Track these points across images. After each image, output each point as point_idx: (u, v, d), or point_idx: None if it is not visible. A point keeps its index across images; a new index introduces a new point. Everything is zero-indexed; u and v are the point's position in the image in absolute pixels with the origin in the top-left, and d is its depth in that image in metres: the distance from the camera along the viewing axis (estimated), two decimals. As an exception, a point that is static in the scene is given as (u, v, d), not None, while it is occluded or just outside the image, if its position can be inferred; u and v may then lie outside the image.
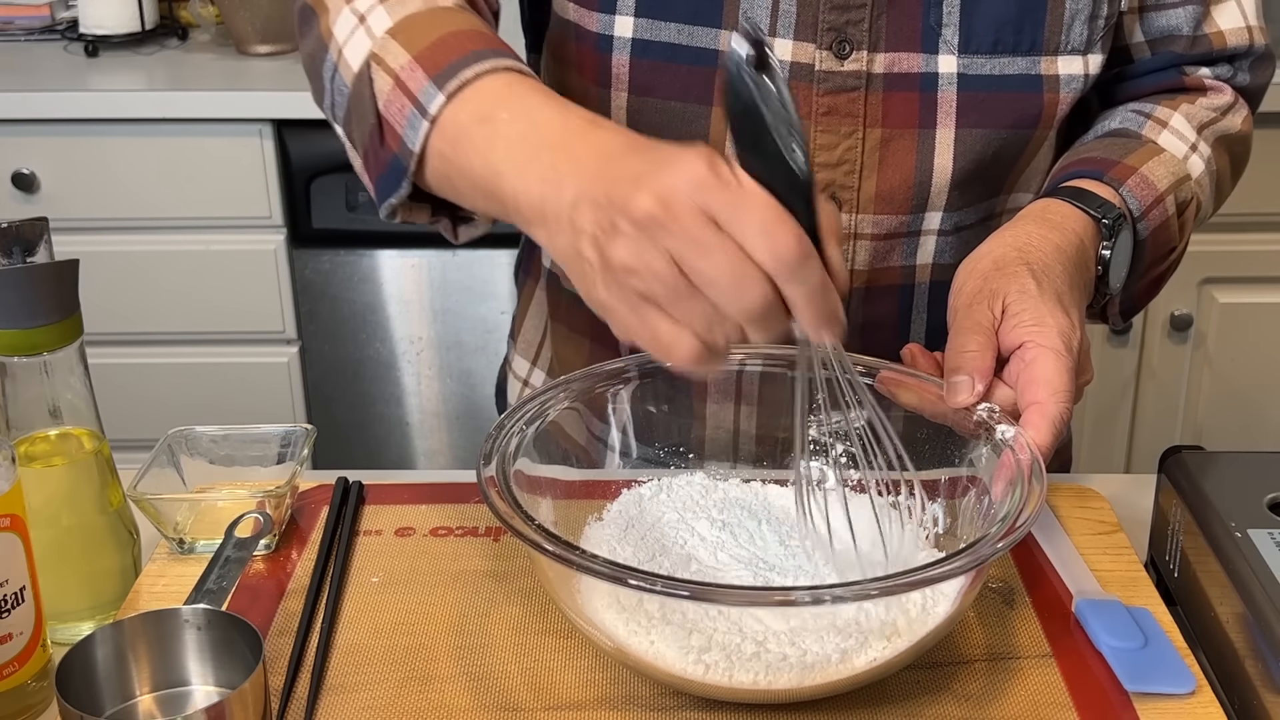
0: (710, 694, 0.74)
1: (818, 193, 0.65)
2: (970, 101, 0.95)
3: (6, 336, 0.78)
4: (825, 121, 0.95)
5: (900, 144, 0.96)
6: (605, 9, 0.95)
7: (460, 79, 0.76)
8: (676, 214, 0.63)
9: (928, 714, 0.75)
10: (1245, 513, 0.82)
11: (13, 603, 0.73)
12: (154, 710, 0.73)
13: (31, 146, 2.10)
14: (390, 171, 0.80)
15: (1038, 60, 0.96)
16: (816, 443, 0.91)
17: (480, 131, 0.75)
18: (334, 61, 0.85)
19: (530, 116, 0.74)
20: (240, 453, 0.94)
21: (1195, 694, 0.76)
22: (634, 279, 0.65)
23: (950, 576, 0.69)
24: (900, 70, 0.95)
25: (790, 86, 0.63)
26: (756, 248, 0.63)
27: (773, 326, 0.65)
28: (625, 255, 0.65)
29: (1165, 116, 1.01)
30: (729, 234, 0.63)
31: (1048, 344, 0.81)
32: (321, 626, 0.82)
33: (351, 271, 2.20)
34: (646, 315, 0.66)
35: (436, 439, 2.33)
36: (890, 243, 0.99)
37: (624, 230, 0.65)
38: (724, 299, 0.64)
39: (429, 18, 0.82)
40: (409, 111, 0.78)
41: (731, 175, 0.64)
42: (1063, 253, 0.88)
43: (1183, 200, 0.99)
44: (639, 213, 0.64)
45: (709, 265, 0.63)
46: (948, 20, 0.94)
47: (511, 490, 0.75)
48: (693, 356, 0.66)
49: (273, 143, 2.09)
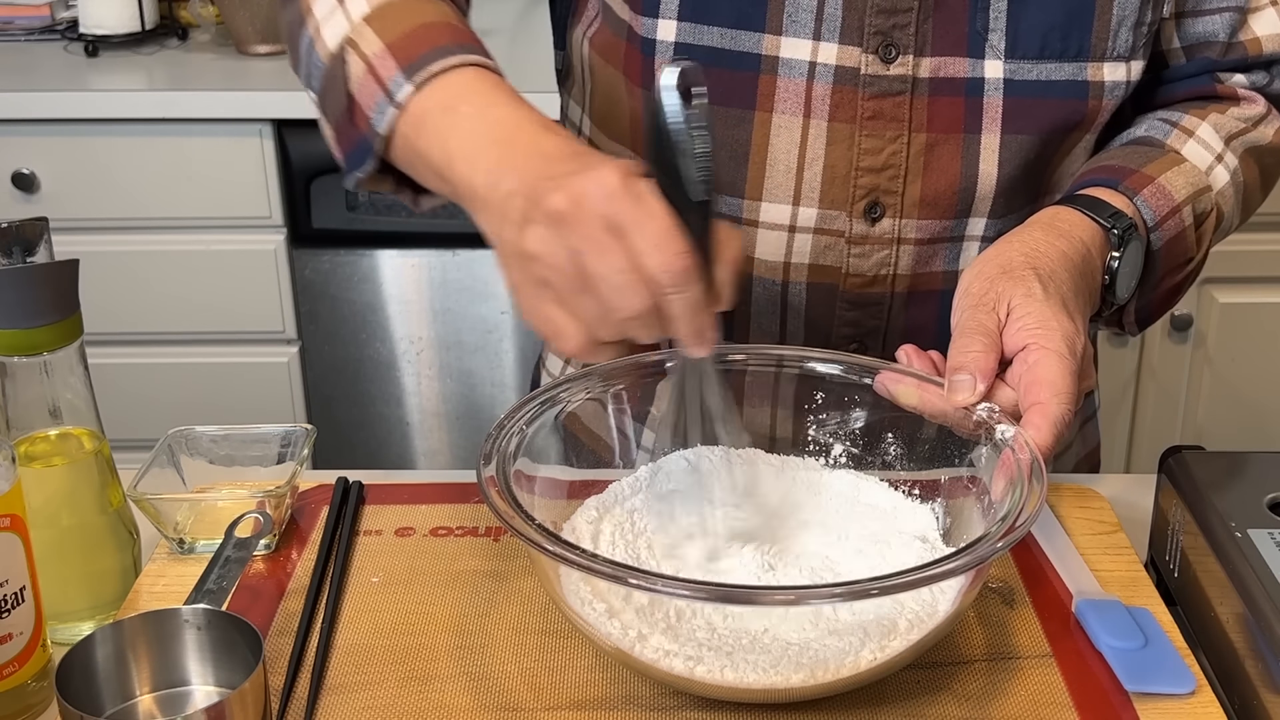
0: (710, 694, 0.74)
1: (714, 216, 0.71)
2: (1016, 107, 0.95)
3: (6, 336, 0.78)
4: (870, 126, 0.95)
5: (945, 149, 0.96)
6: (649, 13, 0.95)
7: (428, 71, 0.82)
8: (583, 215, 0.69)
9: (928, 714, 0.75)
10: (1245, 513, 0.82)
11: (13, 603, 0.73)
12: (154, 710, 0.73)
13: (31, 146, 2.10)
14: (358, 149, 0.86)
15: (1084, 66, 0.95)
16: (817, 442, 0.91)
17: (442, 120, 0.81)
18: (310, 37, 0.90)
19: (487, 113, 0.80)
20: (240, 453, 0.94)
21: (1195, 694, 0.76)
22: (538, 266, 0.72)
23: (950, 576, 0.69)
24: (946, 75, 0.94)
25: (709, 118, 0.69)
26: (645, 258, 0.68)
27: (653, 331, 0.71)
28: (534, 244, 0.72)
29: (1192, 125, 1.01)
30: (626, 242, 0.69)
31: (1051, 346, 0.81)
32: (321, 626, 0.82)
33: (351, 271, 2.20)
34: (544, 301, 0.73)
35: (436, 439, 2.33)
36: (934, 248, 0.98)
37: (537, 221, 0.71)
38: (609, 299, 0.70)
39: (402, 7, 0.87)
40: (379, 97, 0.83)
41: (641, 190, 0.69)
42: (1069, 260, 0.88)
43: (1201, 211, 0.98)
44: (551, 208, 0.70)
45: (601, 266, 0.69)
46: (994, 25, 0.93)
47: (511, 490, 0.75)
48: (577, 346, 0.72)
49: (273, 143, 2.09)
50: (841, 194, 0.96)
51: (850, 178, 0.96)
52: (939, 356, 0.86)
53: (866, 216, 0.96)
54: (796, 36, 0.94)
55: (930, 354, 0.87)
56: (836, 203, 0.96)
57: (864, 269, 0.98)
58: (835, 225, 0.97)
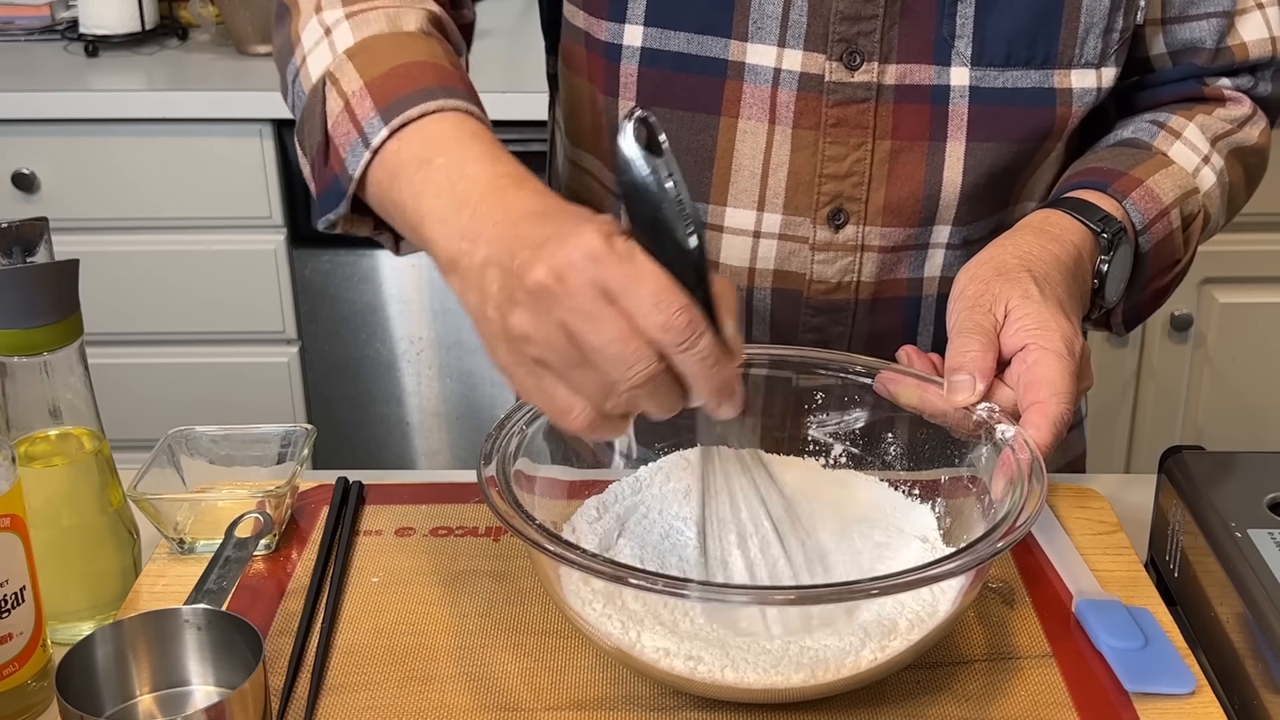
0: (710, 694, 0.74)
1: (710, 269, 0.66)
2: (982, 114, 0.95)
3: (6, 336, 0.78)
4: (834, 133, 0.95)
5: (910, 156, 0.95)
6: (615, 18, 0.95)
7: (405, 116, 0.79)
8: (569, 287, 0.64)
9: (928, 714, 0.75)
10: (1245, 513, 0.82)
11: (13, 603, 0.73)
12: (154, 710, 0.73)
13: (31, 146, 2.10)
14: (331, 190, 0.83)
15: (1051, 74, 0.95)
16: (817, 442, 0.91)
17: (416, 174, 0.77)
18: (296, 66, 0.88)
19: (462, 167, 0.76)
20: (240, 453, 0.94)
21: (1195, 694, 0.76)
22: (529, 346, 0.67)
23: (950, 576, 0.69)
24: (911, 82, 0.94)
25: (678, 170, 0.65)
26: (644, 320, 0.64)
27: (665, 399, 0.67)
28: (521, 324, 0.67)
29: (1179, 127, 1.00)
30: (620, 306, 0.64)
31: (1050, 346, 0.81)
32: (321, 626, 0.82)
33: (351, 271, 2.20)
34: (542, 381, 0.68)
35: (436, 439, 2.33)
36: (898, 255, 0.98)
37: (520, 300, 0.67)
38: (612, 369, 0.65)
39: (389, 43, 0.84)
40: (353, 138, 0.80)
41: (626, 249, 0.65)
42: (1062, 263, 0.88)
43: (1189, 213, 0.98)
44: (533, 284, 0.65)
45: (596, 336, 0.64)
46: (960, 32, 0.93)
47: (511, 490, 0.75)
48: (585, 424, 0.67)
49: (273, 143, 2.09)
50: (805, 200, 0.96)
51: (814, 184, 0.96)
52: (939, 357, 0.86)
53: (830, 223, 0.96)
54: (762, 43, 0.93)
55: (930, 355, 0.87)
56: (800, 209, 0.96)
57: (828, 275, 0.98)
58: (799, 231, 0.97)
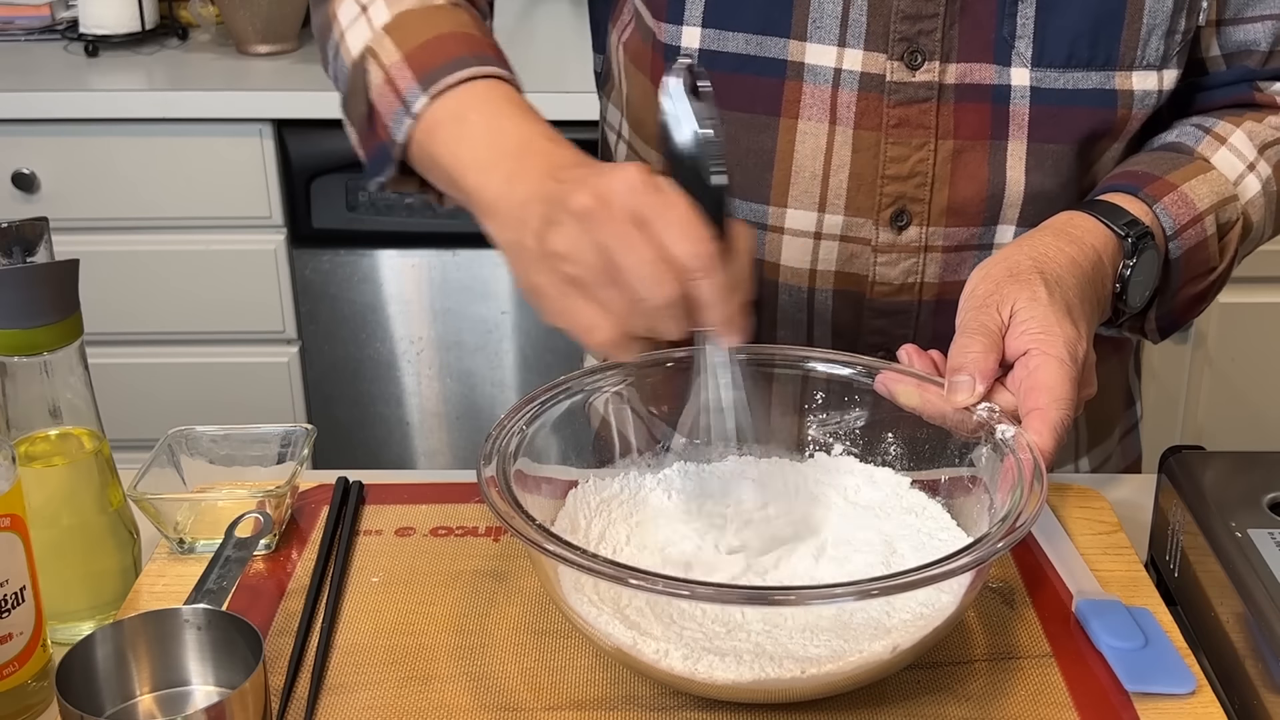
0: (710, 694, 0.74)
1: (730, 207, 0.73)
2: (1043, 115, 0.94)
3: (6, 336, 0.78)
4: (896, 134, 0.94)
5: (972, 156, 0.95)
6: (673, 19, 0.95)
7: (443, 84, 0.85)
8: (610, 210, 0.71)
9: (928, 714, 0.75)
10: (1245, 513, 0.82)
11: (13, 603, 0.73)
12: (154, 710, 0.73)
13: (31, 146, 2.10)
14: (379, 155, 0.90)
15: (1112, 75, 0.94)
16: (817, 442, 0.91)
17: (453, 129, 0.84)
18: (336, 42, 0.93)
19: (496, 123, 0.83)
20: (240, 453, 0.94)
21: (1195, 694, 0.76)
22: (565, 264, 0.73)
23: (950, 576, 0.69)
24: (972, 81, 0.93)
25: (718, 117, 0.72)
26: (672, 247, 0.70)
27: (681, 322, 0.72)
28: (561, 243, 0.73)
29: (1225, 133, 0.99)
30: (652, 232, 0.70)
31: (1052, 352, 0.81)
32: (321, 626, 0.82)
33: (351, 271, 2.20)
34: (572, 299, 0.73)
35: (436, 439, 2.33)
36: (961, 255, 0.97)
37: (563, 221, 0.73)
38: (642, 289, 0.70)
39: (421, 17, 0.90)
40: (396, 107, 0.87)
41: (661, 183, 0.72)
42: (1078, 266, 0.87)
43: (1225, 221, 0.97)
44: (577, 206, 0.72)
45: (629, 257, 0.70)
46: (1021, 32, 0.93)
47: (511, 490, 0.75)
48: (609, 340, 0.73)
49: (273, 143, 2.09)
50: (867, 201, 0.96)
51: (876, 185, 0.95)
52: (939, 356, 0.86)
53: (893, 224, 0.96)
54: (821, 43, 0.93)
55: (931, 354, 0.87)
56: (862, 210, 0.96)
57: (891, 277, 0.97)
58: (861, 233, 0.96)
